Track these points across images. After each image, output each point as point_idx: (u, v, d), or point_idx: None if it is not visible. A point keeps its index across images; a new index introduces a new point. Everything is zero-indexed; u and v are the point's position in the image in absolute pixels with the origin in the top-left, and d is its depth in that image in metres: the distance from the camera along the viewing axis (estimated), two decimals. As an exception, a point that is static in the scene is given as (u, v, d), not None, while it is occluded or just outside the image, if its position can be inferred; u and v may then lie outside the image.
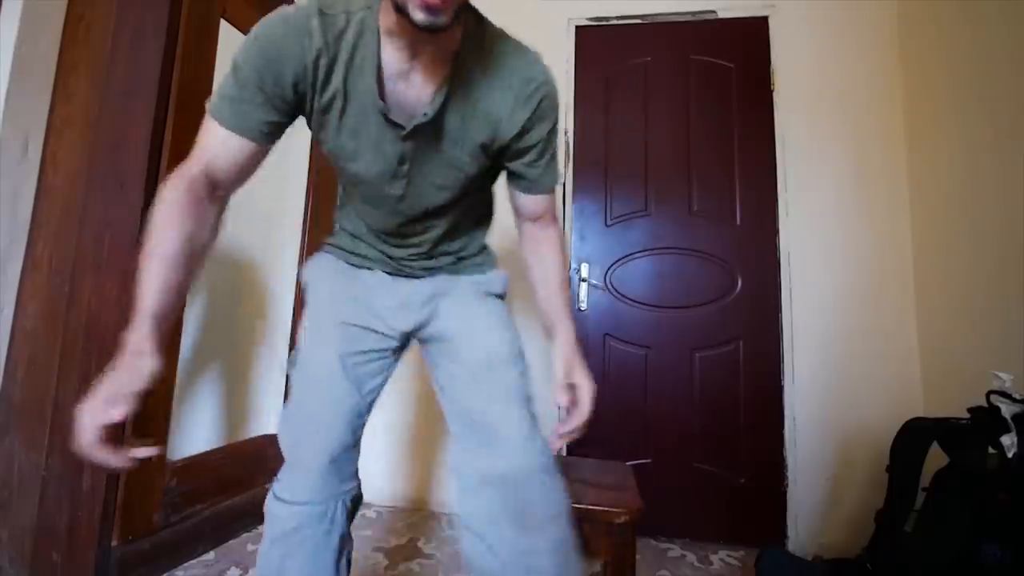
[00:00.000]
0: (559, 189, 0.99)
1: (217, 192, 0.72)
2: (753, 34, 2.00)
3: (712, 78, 2.01)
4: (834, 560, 1.55)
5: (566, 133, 2.05)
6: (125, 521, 1.28)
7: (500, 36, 0.75)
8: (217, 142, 0.70)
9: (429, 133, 0.72)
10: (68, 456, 1.27)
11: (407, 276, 0.90)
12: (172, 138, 1.39)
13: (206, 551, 1.53)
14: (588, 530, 0.80)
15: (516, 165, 0.81)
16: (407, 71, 0.69)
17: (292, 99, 0.70)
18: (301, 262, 1.99)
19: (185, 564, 1.46)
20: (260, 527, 1.73)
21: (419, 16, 0.58)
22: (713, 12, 2.04)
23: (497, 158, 0.80)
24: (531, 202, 0.87)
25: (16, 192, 1.36)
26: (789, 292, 1.85)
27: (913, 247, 1.79)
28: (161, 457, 1.40)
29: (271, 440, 1.86)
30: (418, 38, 0.65)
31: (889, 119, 1.87)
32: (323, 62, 0.68)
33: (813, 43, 1.95)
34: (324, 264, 0.92)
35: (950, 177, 1.62)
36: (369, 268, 0.90)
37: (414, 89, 0.71)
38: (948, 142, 1.63)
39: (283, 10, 0.68)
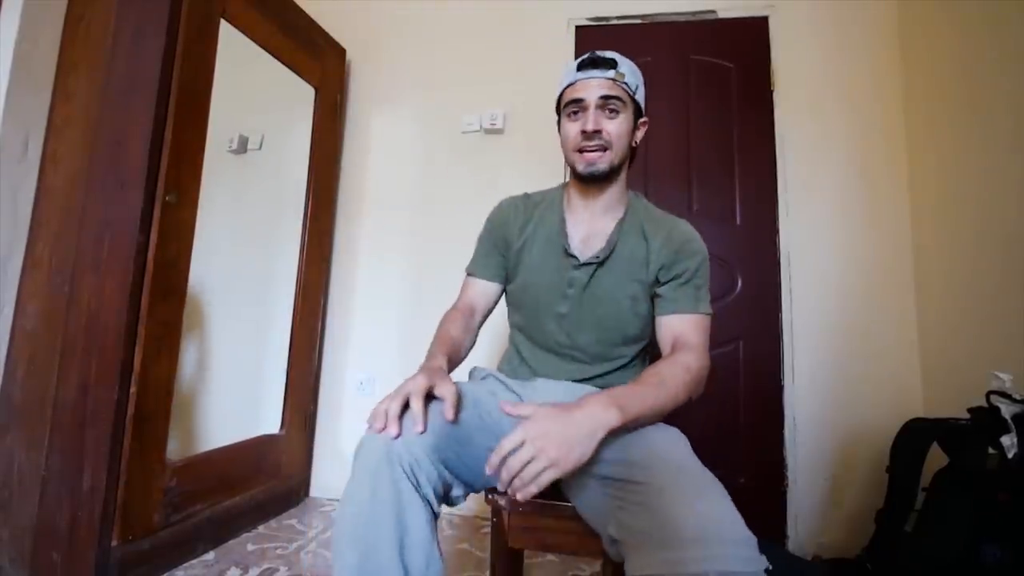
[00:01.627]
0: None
1: (475, 316, 1.03)
2: (753, 34, 2.00)
3: (712, 78, 2.01)
4: (834, 560, 1.55)
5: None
6: (125, 521, 1.28)
7: (657, 209, 1.02)
8: (475, 289, 1.05)
9: (597, 268, 0.95)
10: (68, 456, 1.27)
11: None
12: (172, 137, 1.39)
13: (206, 551, 1.53)
14: (585, 529, 0.80)
15: (662, 289, 0.94)
16: (584, 217, 0.99)
17: (508, 249, 1.03)
18: (302, 261, 1.99)
19: (185, 564, 1.46)
20: (260, 527, 1.73)
21: (581, 167, 0.94)
22: (713, 12, 2.04)
23: (652, 290, 0.95)
24: (666, 323, 0.92)
25: (16, 192, 1.36)
26: (789, 292, 1.85)
27: (913, 247, 1.79)
28: (161, 457, 1.39)
29: (271, 440, 1.86)
30: (588, 186, 0.97)
31: (889, 119, 1.87)
32: (520, 222, 1.03)
33: (813, 43, 1.95)
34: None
35: (950, 177, 1.62)
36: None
37: (587, 230, 0.99)
38: (948, 142, 1.63)
39: (507, 197, 1.09)
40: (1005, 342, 1.35)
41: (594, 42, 2.11)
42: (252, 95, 1.96)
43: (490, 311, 1.07)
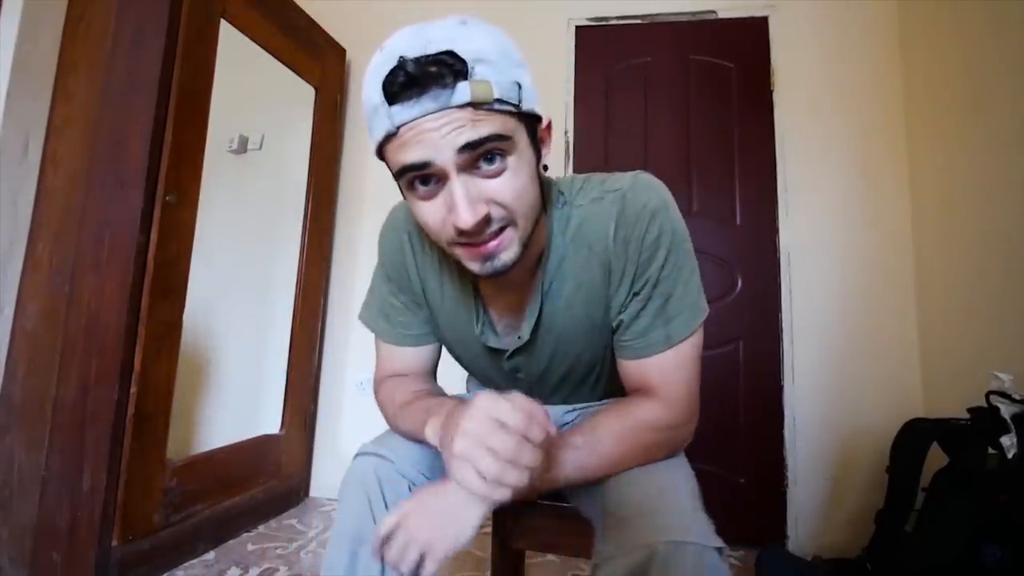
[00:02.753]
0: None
1: (425, 377, 0.78)
2: (753, 34, 2.00)
3: (712, 78, 2.01)
4: (834, 560, 1.55)
5: (566, 133, 2.05)
6: (125, 521, 1.28)
7: (588, 186, 0.66)
8: (403, 359, 0.76)
9: (533, 345, 0.69)
10: (68, 456, 1.27)
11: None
12: (172, 138, 1.39)
13: (206, 551, 1.53)
14: (585, 529, 0.80)
15: (624, 314, 0.64)
16: (493, 289, 0.69)
17: (425, 300, 0.74)
18: (301, 261, 1.99)
19: (185, 564, 1.46)
20: (260, 527, 1.73)
21: (475, 267, 0.56)
22: (713, 12, 2.04)
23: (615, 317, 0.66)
24: (628, 369, 0.66)
25: (16, 192, 1.36)
26: (789, 292, 1.85)
27: (914, 247, 1.79)
28: (161, 457, 1.39)
29: (271, 440, 1.86)
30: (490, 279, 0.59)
31: (889, 119, 1.87)
32: (418, 278, 0.73)
33: (813, 43, 1.95)
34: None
35: (950, 177, 1.62)
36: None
37: (508, 306, 0.69)
38: (948, 142, 1.63)
39: (387, 221, 0.76)
40: (1005, 342, 1.35)
41: (594, 42, 2.11)
42: (252, 95, 1.96)
43: (436, 368, 0.80)
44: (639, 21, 2.09)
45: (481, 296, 0.70)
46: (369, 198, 2.22)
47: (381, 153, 0.54)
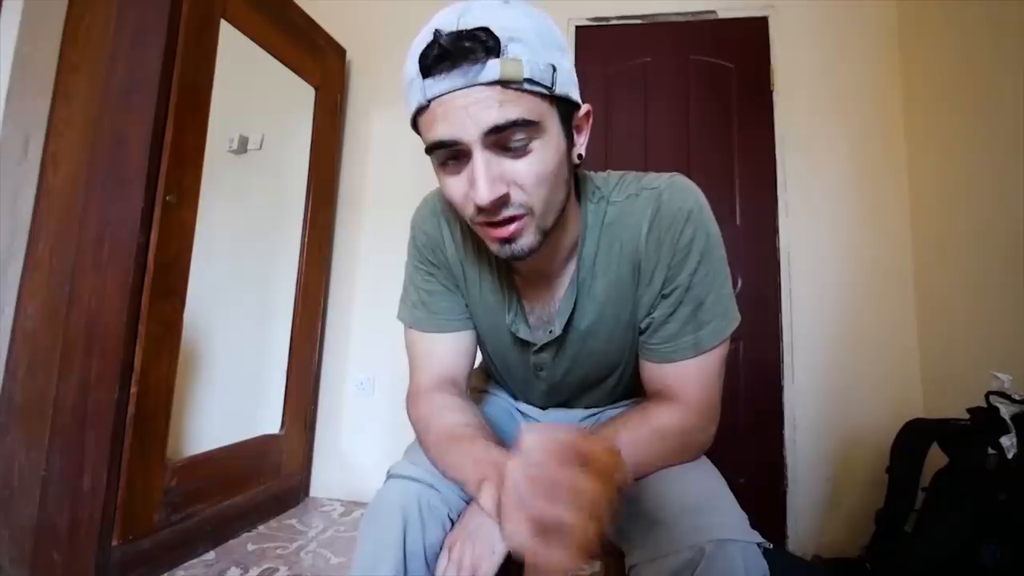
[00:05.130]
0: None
1: (460, 384, 0.74)
2: (753, 34, 2.00)
3: (712, 78, 2.01)
4: (834, 560, 1.55)
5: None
6: (125, 521, 1.28)
7: (623, 184, 0.67)
8: (443, 350, 0.73)
9: (563, 341, 0.69)
10: (68, 456, 1.27)
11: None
12: (172, 138, 1.39)
13: (206, 551, 1.53)
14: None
15: (653, 316, 0.64)
16: (528, 280, 0.69)
17: (459, 285, 0.74)
18: (302, 261, 1.99)
19: (185, 564, 1.46)
20: (260, 527, 1.73)
21: (494, 248, 0.57)
22: (713, 12, 2.04)
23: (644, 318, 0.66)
24: (651, 372, 0.65)
25: (16, 192, 1.36)
26: (789, 292, 1.85)
27: (913, 247, 1.79)
28: (161, 457, 1.40)
29: (271, 440, 1.86)
30: (517, 262, 0.63)
31: (889, 119, 1.87)
32: (457, 262, 0.72)
33: (813, 43, 1.95)
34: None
35: (950, 177, 1.62)
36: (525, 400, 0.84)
37: (540, 298, 0.69)
38: (948, 142, 1.63)
39: (425, 205, 0.75)
40: (1005, 342, 1.35)
41: (594, 42, 2.11)
42: (252, 95, 1.96)
43: (471, 369, 0.77)
44: (639, 21, 2.09)
45: (516, 286, 0.70)
46: (369, 198, 2.22)
47: (416, 125, 0.55)
